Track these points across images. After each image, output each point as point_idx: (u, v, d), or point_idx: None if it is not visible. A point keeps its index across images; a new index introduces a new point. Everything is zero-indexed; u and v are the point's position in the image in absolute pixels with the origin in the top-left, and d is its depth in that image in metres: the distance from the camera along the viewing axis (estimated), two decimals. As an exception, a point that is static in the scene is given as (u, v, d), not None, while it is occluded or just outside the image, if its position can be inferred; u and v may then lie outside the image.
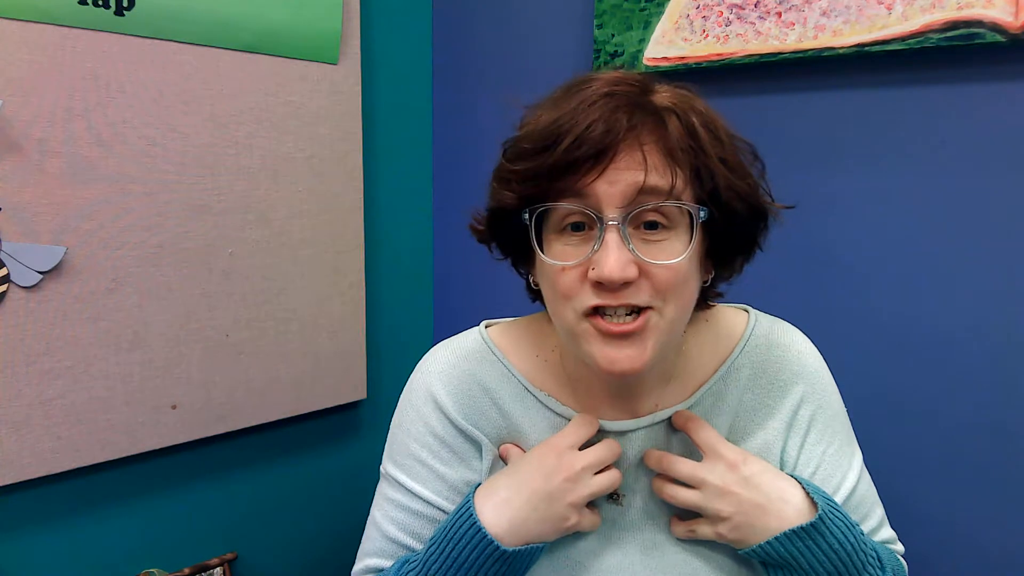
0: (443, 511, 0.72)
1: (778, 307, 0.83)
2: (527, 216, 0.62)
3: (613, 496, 0.71)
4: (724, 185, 0.61)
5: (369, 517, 0.78)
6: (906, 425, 1.01)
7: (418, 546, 0.72)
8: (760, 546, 0.64)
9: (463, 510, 0.65)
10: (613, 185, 0.58)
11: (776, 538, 0.63)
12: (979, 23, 0.87)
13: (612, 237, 0.58)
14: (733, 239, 0.65)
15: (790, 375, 0.73)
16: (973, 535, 0.97)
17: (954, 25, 0.89)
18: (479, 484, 0.69)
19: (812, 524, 0.63)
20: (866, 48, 0.96)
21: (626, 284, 0.59)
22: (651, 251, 0.60)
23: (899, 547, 0.76)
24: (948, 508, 0.99)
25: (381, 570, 0.73)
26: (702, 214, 0.61)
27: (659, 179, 0.59)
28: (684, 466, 0.68)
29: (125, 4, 1.04)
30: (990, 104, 0.91)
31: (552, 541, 0.68)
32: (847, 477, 0.72)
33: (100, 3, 1.02)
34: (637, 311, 0.61)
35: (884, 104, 0.99)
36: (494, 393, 0.73)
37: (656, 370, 0.70)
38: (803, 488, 0.66)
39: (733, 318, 0.76)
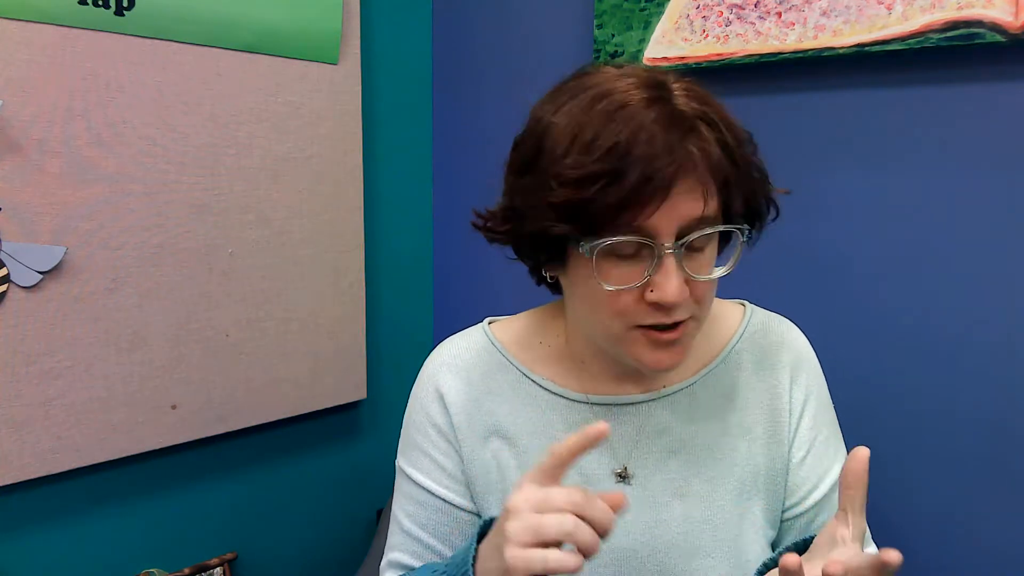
0: (445, 501, 0.75)
1: (779, 306, 0.83)
2: (586, 250, 0.60)
3: (621, 474, 0.72)
4: (751, 193, 0.65)
5: (392, 512, 0.80)
6: (904, 423, 1.01)
7: (429, 539, 0.75)
8: None
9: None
10: (671, 219, 0.59)
11: None
12: (979, 23, 0.87)
13: (670, 262, 0.60)
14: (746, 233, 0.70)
15: (787, 359, 0.76)
16: (974, 533, 0.97)
17: (954, 25, 0.89)
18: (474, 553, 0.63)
19: None
20: (866, 48, 0.96)
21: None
22: (694, 267, 0.62)
23: (871, 548, 0.76)
24: (948, 506, 0.99)
25: (403, 564, 0.76)
26: (747, 233, 0.65)
27: (711, 206, 0.61)
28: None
29: (125, 4, 1.04)
30: (990, 104, 0.91)
31: None
32: (831, 469, 0.74)
33: (100, 3, 1.02)
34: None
35: (884, 104, 0.99)
36: (491, 382, 0.76)
37: None
38: None
39: (731, 309, 0.80)
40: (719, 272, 0.64)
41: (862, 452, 0.54)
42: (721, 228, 0.62)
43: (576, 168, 0.58)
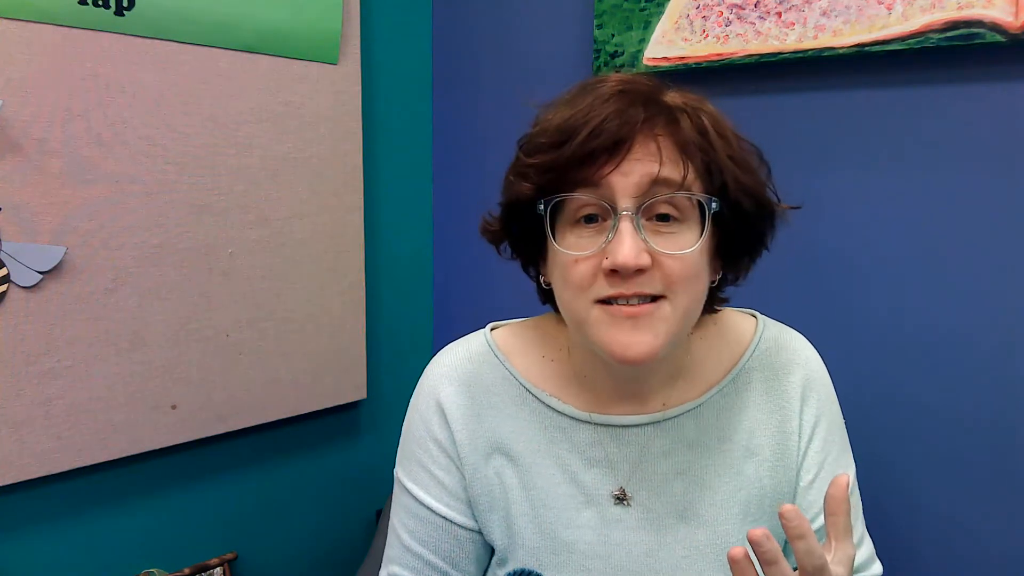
0: (446, 519, 0.73)
1: (778, 306, 0.83)
2: (542, 207, 0.63)
3: (620, 497, 0.71)
4: (732, 179, 0.63)
5: (390, 521, 0.78)
6: (899, 424, 1.01)
7: (429, 555, 0.73)
8: None
9: None
10: (627, 176, 0.60)
11: None
12: (979, 23, 0.87)
13: (626, 226, 0.60)
14: (741, 236, 0.67)
15: (798, 380, 0.74)
16: (973, 533, 0.97)
17: (954, 25, 0.89)
18: None
19: None
20: (866, 48, 0.96)
21: (639, 272, 0.60)
22: (663, 242, 0.61)
23: (876, 568, 0.76)
24: (951, 507, 0.99)
25: None
26: (714, 205, 0.62)
27: (672, 171, 0.61)
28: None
29: (125, 4, 1.04)
30: (990, 104, 0.91)
31: (556, 545, 0.69)
32: None
33: (100, 3, 1.02)
34: (649, 299, 0.62)
35: (884, 104, 0.99)
36: (494, 397, 0.73)
37: (664, 368, 0.71)
38: None
39: (741, 322, 0.77)
40: (686, 250, 0.62)
41: (841, 479, 0.55)
42: (679, 194, 0.61)
43: (539, 137, 0.63)
